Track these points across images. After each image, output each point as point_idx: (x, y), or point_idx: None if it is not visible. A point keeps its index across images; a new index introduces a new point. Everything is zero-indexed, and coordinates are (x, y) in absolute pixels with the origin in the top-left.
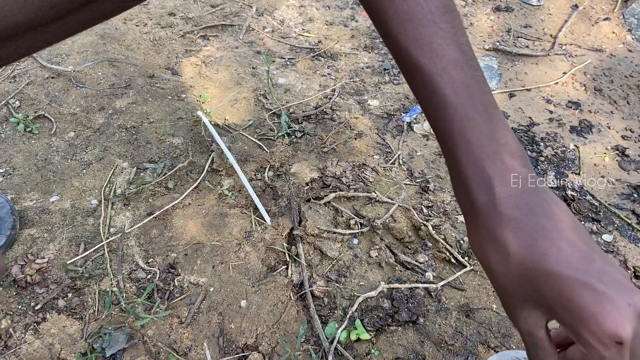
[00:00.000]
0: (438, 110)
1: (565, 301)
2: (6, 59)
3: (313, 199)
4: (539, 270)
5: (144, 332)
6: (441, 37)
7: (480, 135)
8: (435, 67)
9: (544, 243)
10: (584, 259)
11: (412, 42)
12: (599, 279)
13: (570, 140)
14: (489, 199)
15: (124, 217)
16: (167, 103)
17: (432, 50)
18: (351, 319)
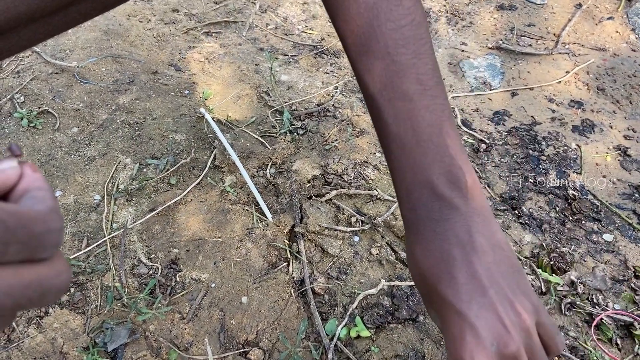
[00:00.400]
0: (382, 138)
1: (442, 321)
2: (7, 51)
3: (314, 196)
4: (433, 289)
5: (145, 327)
6: (393, 69)
7: (414, 166)
8: (382, 97)
9: (444, 268)
10: (473, 292)
11: (366, 71)
12: (476, 313)
13: (573, 140)
14: (412, 220)
15: (126, 213)
16: (170, 99)
17: (382, 82)
18: (351, 316)
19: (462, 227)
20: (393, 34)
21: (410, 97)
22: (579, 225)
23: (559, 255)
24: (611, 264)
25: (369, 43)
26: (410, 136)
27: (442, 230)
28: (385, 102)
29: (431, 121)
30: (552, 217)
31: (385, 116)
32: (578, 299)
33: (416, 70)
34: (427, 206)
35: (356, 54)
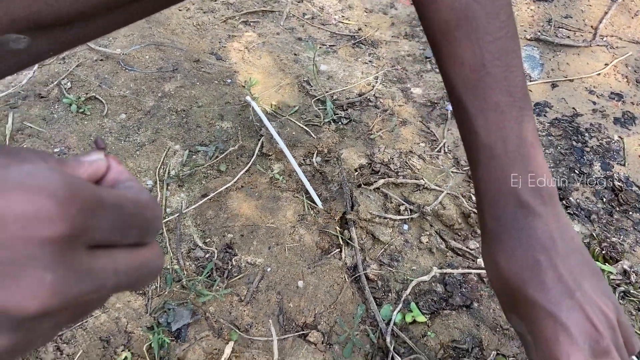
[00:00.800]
0: (470, 147)
1: (532, 324)
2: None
3: (363, 184)
4: (521, 294)
5: (205, 308)
6: (487, 81)
7: (501, 175)
8: (474, 108)
9: (531, 274)
10: (562, 294)
11: (459, 81)
12: (567, 314)
13: (614, 132)
14: (496, 229)
15: (179, 198)
16: (214, 87)
17: (475, 93)
18: (405, 302)
19: (545, 234)
20: (489, 47)
21: (501, 109)
22: (626, 216)
23: (610, 245)
24: None
25: (466, 54)
26: (500, 147)
27: (526, 238)
28: (478, 113)
29: (519, 132)
30: (600, 207)
31: (477, 126)
32: (631, 287)
33: (507, 82)
34: (512, 215)
35: (450, 64)
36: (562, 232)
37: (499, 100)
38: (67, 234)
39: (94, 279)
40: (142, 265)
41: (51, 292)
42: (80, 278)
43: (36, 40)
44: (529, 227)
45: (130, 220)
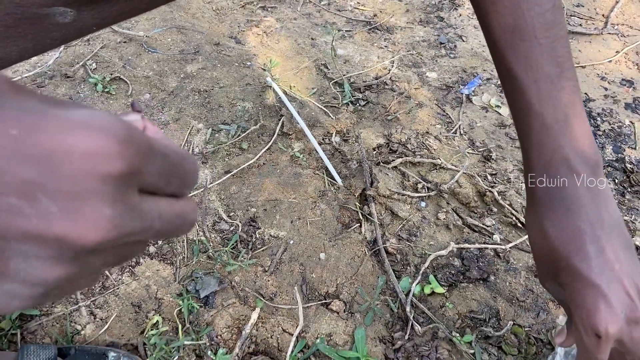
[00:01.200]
0: (521, 115)
1: (573, 291)
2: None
3: (382, 162)
4: (564, 262)
5: (231, 278)
6: (539, 51)
7: (554, 143)
8: (527, 78)
9: (576, 243)
10: (603, 265)
11: (510, 51)
12: (607, 285)
13: (626, 117)
14: (546, 195)
15: (203, 174)
16: (234, 69)
17: (528, 63)
18: (424, 275)
19: (592, 205)
20: (539, 18)
21: (551, 79)
22: (637, 197)
23: None
24: None
25: (517, 24)
26: (552, 116)
27: (575, 207)
28: (531, 83)
29: (568, 102)
30: (612, 188)
31: (529, 96)
32: None
33: (555, 53)
34: (563, 183)
35: (501, 32)
36: (606, 204)
37: (549, 71)
38: (125, 171)
39: (143, 219)
40: (181, 214)
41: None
42: (133, 216)
43: (82, 14)
44: (579, 196)
45: (174, 169)
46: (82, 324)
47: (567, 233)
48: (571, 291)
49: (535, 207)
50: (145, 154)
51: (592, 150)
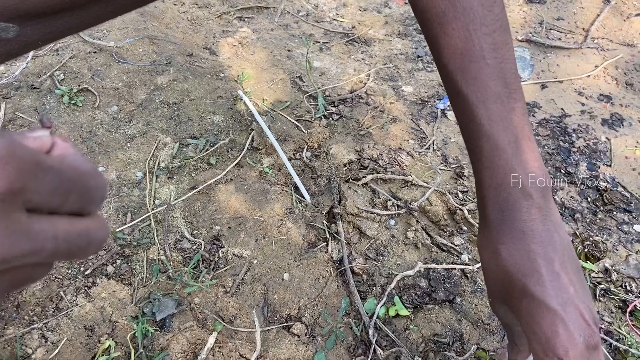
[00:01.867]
0: (472, 137)
1: (529, 317)
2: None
3: (351, 179)
4: (519, 286)
5: (191, 299)
6: (487, 72)
7: (505, 166)
8: (477, 99)
9: (530, 266)
10: (558, 289)
11: (459, 72)
12: (564, 309)
13: (602, 133)
14: (498, 219)
15: (168, 190)
16: (206, 81)
17: (476, 84)
18: (389, 296)
19: (545, 227)
20: (487, 39)
21: (501, 100)
22: (610, 216)
23: (593, 244)
24: None
25: (466, 46)
26: (503, 137)
27: (529, 230)
28: (480, 103)
29: (518, 124)
30: (584, 207)
31: (479, 117)
32: (612, 285)
33: (504, 74)
34: (516, 205)
35: (449, 54)
36: (557, 227)
37: (499, 92)
38: (4, 191)
39: (32, 241)
40: (83, 234)
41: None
42: (17, 238)
43: (25, 29)
44: (531, 219)
45: (70, 186)
46: (33, 347)
47: (521, 256)
48: (525, 315)
49: (488, 230)
50: (31, 171)
51: (543, 173)
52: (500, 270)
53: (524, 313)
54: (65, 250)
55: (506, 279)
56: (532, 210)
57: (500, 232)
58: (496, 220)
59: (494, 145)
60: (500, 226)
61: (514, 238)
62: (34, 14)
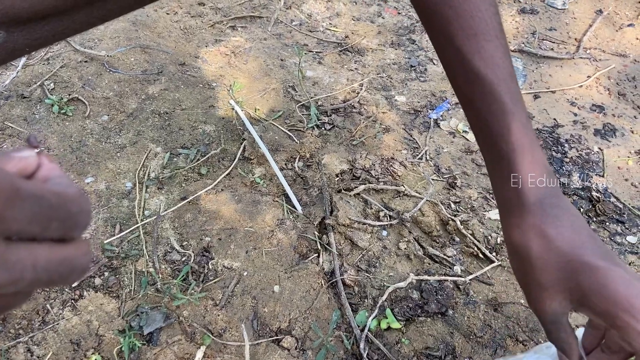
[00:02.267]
0: (497, 116)
1: (601, 288)
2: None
3: (343, 190)
4: (578, 261)
5: (179, 312)
6: (501, 51)
7: (532, 144)
8: (496, 77)
9: (581, 238)
10: (608, 254)
11: (475, 54)
12: (624, 269)
13: (595, 143)
14: (538, 199)
15: (158, 201)
16: (198, 91)
17: (494, 63)
18: (381, 308)
19: (567, 201)
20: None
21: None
22: (603, 227)
23: None
24: (636, 265)
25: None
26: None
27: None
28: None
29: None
30: None
31: (502, 95)
32: None
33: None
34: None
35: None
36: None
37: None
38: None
39: (9, 271)
40: (64, 261)
41: None
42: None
43: (12, 36)
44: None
45: (51, 213)
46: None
47: (576, 233)
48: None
49: (526, 217)
50: (9, 199)
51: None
52: (555, 252)
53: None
54: (45, 279)
55: (559, 259)
56: (563, 196)
57: (543, 213)
58: (536, 202)
59: (520, 123)
60: (541, 207)
61: (556, 216)
62: (20, 20)
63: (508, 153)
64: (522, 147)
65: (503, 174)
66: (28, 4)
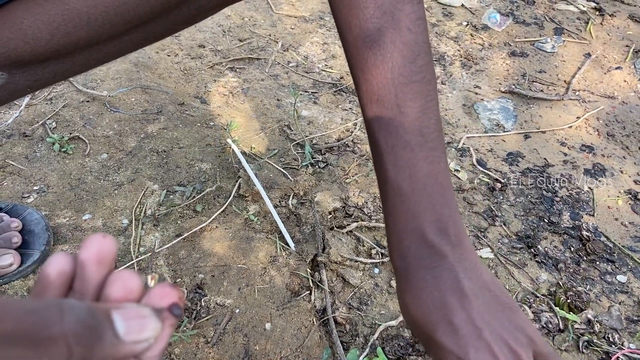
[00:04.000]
0: (380, 181)
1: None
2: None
3: (336, 227)
4: (432, 339)
5: (170, 350)
6: (400, 120)
7: (407, 212)
8: (386, 145)
9: (437, 316)
10: (469, 336)
11: (374, 119)
12: (475, 357)
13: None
14: (402, 267)
15: (153, 237)
16: (196, 130)
17: (388, 130)
18: (372, 347)
19: (450, 274)
20: (404, 88)
21: (411, 147)
22: (593, 266)
23: (576, 294)
24: (626, 304)
25: (381, 93)
26: (407, 184)
27: (432, 278)
28: (388, 149)
29: (428, 171)
30: (567, 256)
31: (386, 162)
32: (595, 337)
33: (420, 123)
34: (417, 254)
35: (367, 101)
36: (468, 271)
37: (409, 140)
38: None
39: None
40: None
41: None
42: None
43: (14, 77)
44: (434, 267)
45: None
46: None
47: (427, 307)
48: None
49: (398, 282)
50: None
51: (452, 218)
52: (412, 321)
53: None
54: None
55: (419, 330)
56: (434, 258)
57: (406, 281)
58: (401, 269)
59: (397, 192)
60: (405, 275)
61: (418, 287)
62: (22, 62)
63: (385, 218)
64: (394, 215)
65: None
66: (30, 47)
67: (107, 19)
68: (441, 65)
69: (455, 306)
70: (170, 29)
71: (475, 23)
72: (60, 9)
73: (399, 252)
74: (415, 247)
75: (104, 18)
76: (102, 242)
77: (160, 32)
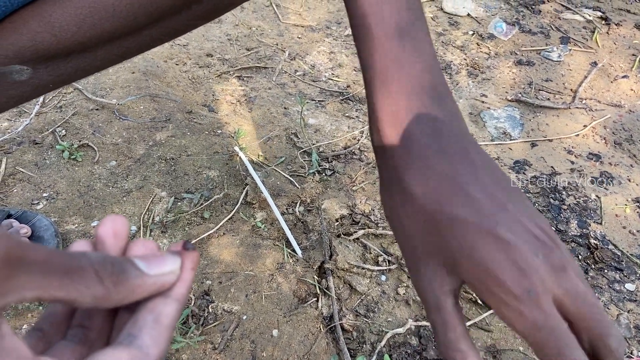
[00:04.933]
0: (365, 42)
1: (469, 249)
2: (82, 70)
3: (343, 234)
4: (444, 214)
5: (178, 356)
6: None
7: (402, 72)
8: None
9: (453, 186)
10: (495, 206)
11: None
12: (508, 228)
13: (592, 191)
14: (399, 136)
15: (161, 244)
16: (204, 137)
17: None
18: (379, 354)
19: (457, 144)
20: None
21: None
22: (601, 274)
23: None
24: (634, 313)
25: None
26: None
27: (436, 144)
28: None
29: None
30: None
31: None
32: None
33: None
34: (419, 117)
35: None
36: (474, 145)
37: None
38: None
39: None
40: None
41: None
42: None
43: (38, 71)
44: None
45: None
46: None
47: (438, 180)
48: (465, 249)
49: (390, 160)
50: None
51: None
52: (413, 203)
53: (460, 250)
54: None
55: (422, 213)
56: (437, 123)
57: (404, 153)
58: (396, 141)
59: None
60: (402, 147)
61: (422, 157)
62: (48, 55)
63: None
64: (383, 75)
65: (369, 112)
66: (57, 40)
67: (131, 11)
68: (447, 74)
69: (470, 175)
70: (189, 25)
71: (481, 32)
72: (88, 0)
73: (393, 120)
74: (413, 110)
75: (129, 10)
76: (115, 219)
77: (180, 27)
